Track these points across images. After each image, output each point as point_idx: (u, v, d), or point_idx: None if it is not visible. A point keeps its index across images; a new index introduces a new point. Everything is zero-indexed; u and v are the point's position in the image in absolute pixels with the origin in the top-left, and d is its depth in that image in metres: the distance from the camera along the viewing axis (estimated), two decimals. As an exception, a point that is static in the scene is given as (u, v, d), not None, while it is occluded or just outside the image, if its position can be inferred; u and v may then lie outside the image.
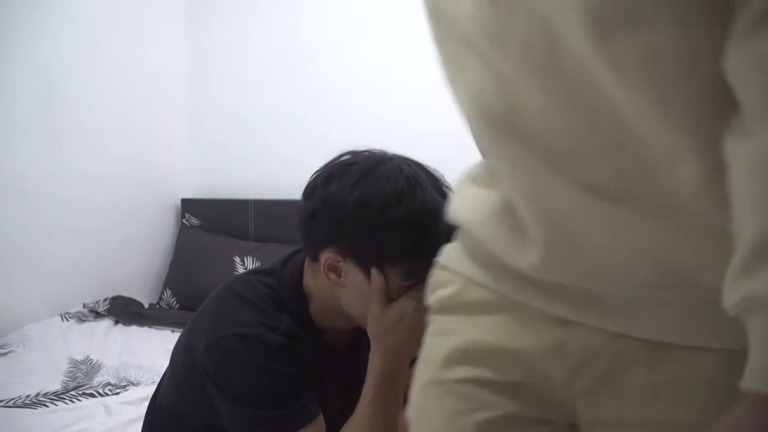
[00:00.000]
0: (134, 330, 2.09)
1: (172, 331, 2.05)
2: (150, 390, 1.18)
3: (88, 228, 2.32)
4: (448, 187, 0.86)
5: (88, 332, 2.00)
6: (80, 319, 2.12)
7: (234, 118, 2.79)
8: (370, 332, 0.88)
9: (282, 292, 0.90)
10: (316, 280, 0.90)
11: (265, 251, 2.43)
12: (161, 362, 1.74)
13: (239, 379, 0.85)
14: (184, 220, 2.73)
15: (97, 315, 2.19)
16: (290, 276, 0.92)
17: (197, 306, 0.97)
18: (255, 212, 2.64)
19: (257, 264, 2.38)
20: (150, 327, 2.12)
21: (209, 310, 0.93)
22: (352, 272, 0.85)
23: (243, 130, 2.77)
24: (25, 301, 2.08)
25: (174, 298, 2.48)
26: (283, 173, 2.70)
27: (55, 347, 1.85)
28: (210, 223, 2.69)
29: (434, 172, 0.88)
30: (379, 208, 0.81)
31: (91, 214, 2.34)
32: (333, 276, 0.86)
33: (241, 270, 2.38)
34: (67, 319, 2.09)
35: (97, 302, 2.26)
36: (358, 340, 0.97)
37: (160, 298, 2.54)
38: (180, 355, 0.95)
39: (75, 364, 1.75)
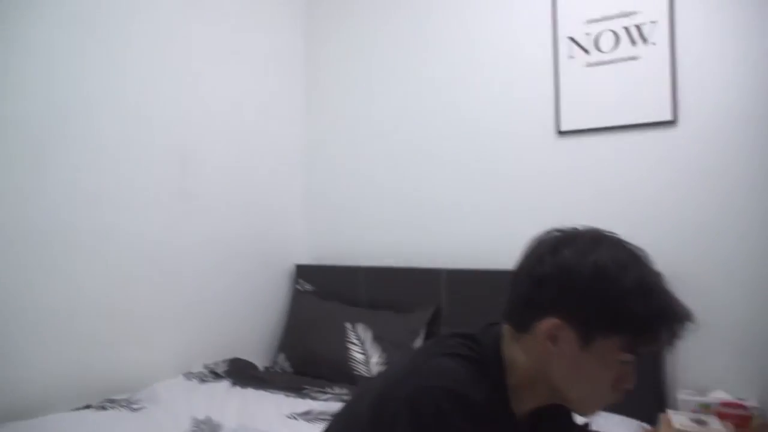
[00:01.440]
0: (250, 392, 2.16)
1: (286, 395, 2.11)
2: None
3: (209, 292, 2.47)
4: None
5: (208, 392, 2.09)
6: (201, 379, 2.23)
7: (346, 189, 2.91)
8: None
9: (483, 358, 0.87)
10: (522, 351, 0.87)
11: (376, 318, 2.46)
12: (277, 427, 1.78)
13: None
14: (297, 286, 2.83)
15: (216, 376, 2.29)
16: (491, 344, 0.89)
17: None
18: (366, 279, 2.68)
19: (368, 331, 2.40)
20: (265, 390, 2.18)
21: (411, 362, 0.87)
22: (567, 340, 0.83)
23: (355, 200, 2.88)
24: (155, 360, 2.23)
25: (288, 362, 2.54)
26: (393, 242, 2.74)
27: (180, 406, 1.94)
28: (322, 288, 2.76)
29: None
30: (614, 274, 0.80)
31: (212, 279, 2.49)
32: (550, 345, 0.84)
33: (352, 337, 2.41)
34: (190, 379, 2.21)
35: (216, 363, 2.38)
36: (535, 419, 0.93)
37: (275, 362, 2.61)
38: (366, 413, 0.85)
39: (197, 423, 1.82)
